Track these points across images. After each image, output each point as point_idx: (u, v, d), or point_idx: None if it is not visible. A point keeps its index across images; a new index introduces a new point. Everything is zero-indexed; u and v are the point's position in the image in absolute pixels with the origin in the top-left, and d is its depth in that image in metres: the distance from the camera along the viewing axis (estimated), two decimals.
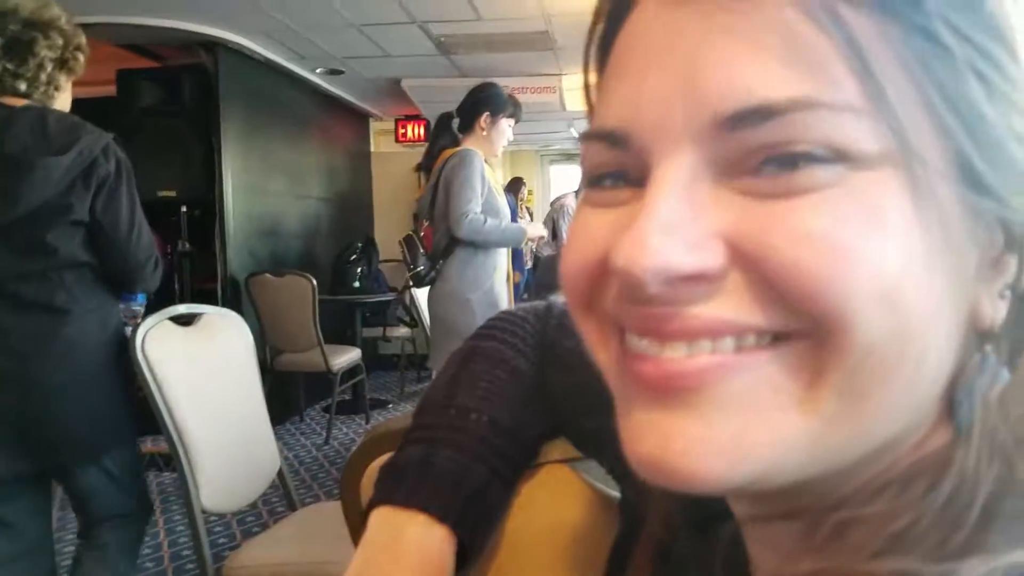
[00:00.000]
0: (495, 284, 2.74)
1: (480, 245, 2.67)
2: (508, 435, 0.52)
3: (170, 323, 1.64)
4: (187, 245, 4.02)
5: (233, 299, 4.00)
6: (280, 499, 3.22)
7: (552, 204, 6.63)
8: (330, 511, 2.01)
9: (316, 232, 5.21)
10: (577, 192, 0.61)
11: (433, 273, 2.76)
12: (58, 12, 1.65)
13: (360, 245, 4.91)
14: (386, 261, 5.24)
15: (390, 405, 5.04)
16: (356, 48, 4.27)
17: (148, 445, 3.94)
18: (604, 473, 0.54)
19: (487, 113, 2.70)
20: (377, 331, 5.39)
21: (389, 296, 4.93)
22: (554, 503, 0.55)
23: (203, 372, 1.67)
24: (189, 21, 3.73)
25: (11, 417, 1.58)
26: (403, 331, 5.40)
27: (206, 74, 4.00)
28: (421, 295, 3.78)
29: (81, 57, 1.70)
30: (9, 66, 1.57)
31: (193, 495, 1.54)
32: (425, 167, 2.87)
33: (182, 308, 1.68)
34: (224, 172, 4.04)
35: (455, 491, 0.48)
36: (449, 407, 0.53)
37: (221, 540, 2.86)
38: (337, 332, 4.63)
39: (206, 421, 1.61)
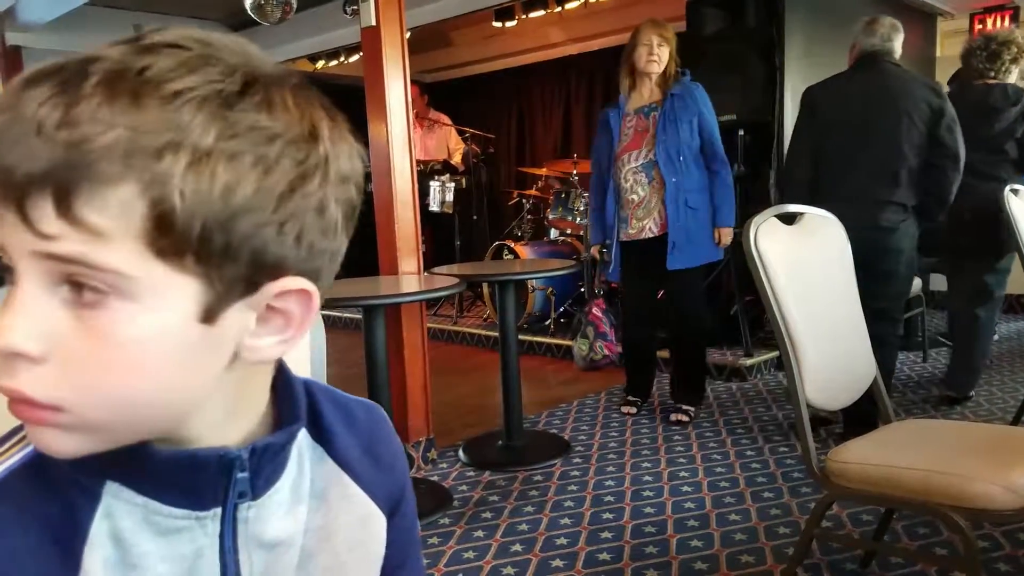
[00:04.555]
0: None
1: None
2: None
3: (776, 220, 1.70)
4: (741, 168, 4.12)
5: None
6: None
7: None
8: (924, 427, 1.91)
9: None
10: None
11: None
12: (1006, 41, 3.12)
13: None
14: None
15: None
16: None
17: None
18: None
19: None
20: None
21: None
22: None
23: (803, 269, 1.70)
24: None
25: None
26: None
27: None
28: None
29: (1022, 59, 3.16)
30: (987, 65, 3.13)
31: (798, 383, 1.59)
32: None
33: (790, 207, 1.73)
34: (784, 93, 4.02)
35: None
36: None
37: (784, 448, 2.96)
38: None
39: (808, 316, 1.65)
